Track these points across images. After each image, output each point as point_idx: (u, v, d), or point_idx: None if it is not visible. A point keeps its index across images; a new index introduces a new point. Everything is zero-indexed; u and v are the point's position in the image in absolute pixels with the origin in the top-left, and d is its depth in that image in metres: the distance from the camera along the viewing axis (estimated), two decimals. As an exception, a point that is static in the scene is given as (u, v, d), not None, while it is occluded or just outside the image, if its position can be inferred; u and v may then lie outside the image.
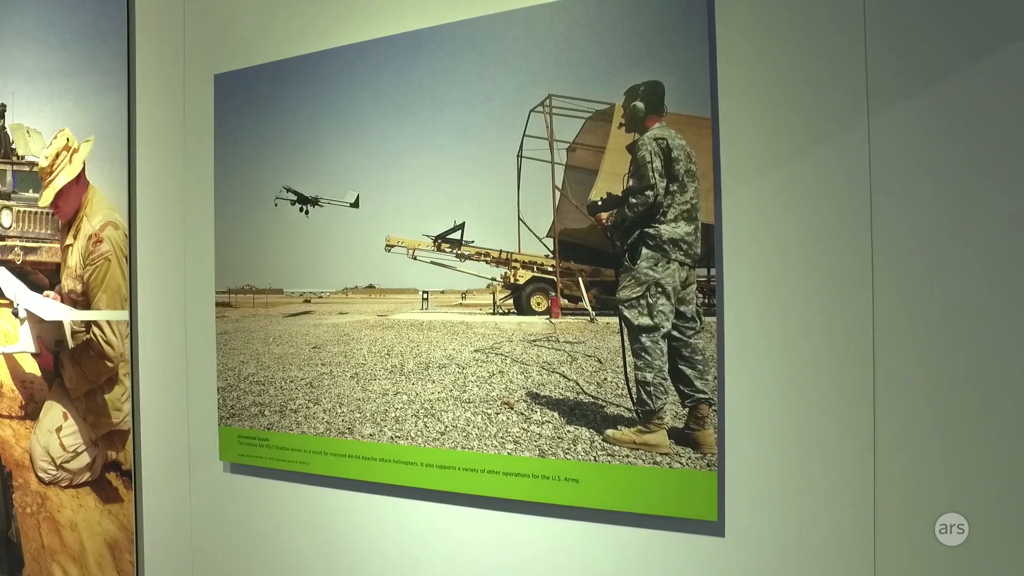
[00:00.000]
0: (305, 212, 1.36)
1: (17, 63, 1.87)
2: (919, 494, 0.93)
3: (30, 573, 1.87)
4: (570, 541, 1.14)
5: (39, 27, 1.84)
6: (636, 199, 1.08)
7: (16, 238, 1.90)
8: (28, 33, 1.85)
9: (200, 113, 1.56)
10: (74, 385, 1.80)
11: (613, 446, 1.09)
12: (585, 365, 1.11)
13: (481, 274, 1.19)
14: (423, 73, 1.23)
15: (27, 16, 1.85)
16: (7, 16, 1.89)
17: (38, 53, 1.84)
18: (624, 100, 1.09)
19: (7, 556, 1.91)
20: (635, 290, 1.09)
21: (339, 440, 1.32)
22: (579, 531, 1.14)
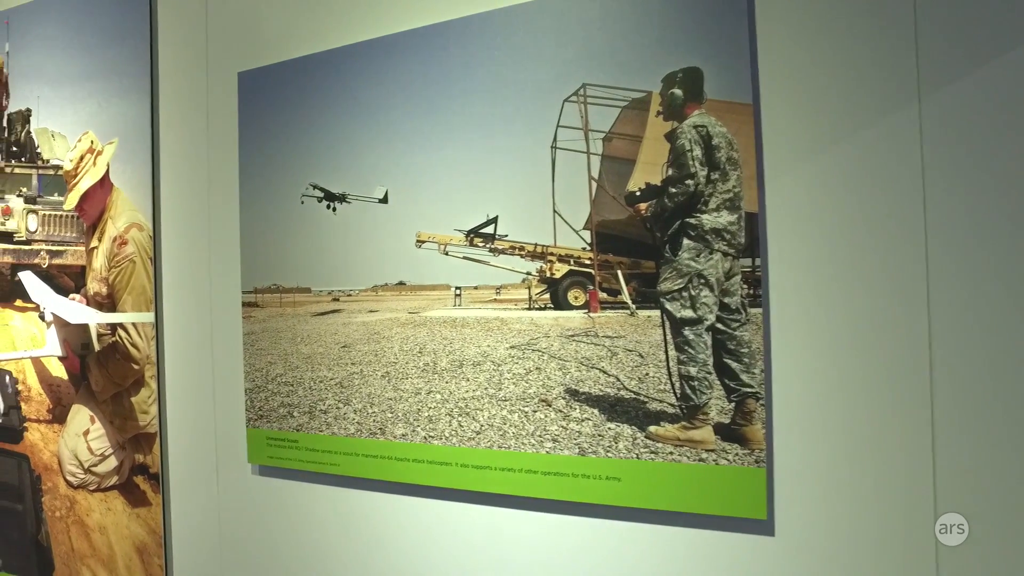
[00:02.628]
0: (332, 209, 1.33)
1: (42, 68, 1.87)
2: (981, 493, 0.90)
3: (60, 577, 1.86)
4: (612, 541, 1.11)
5: (62, 32, 1.83)
6: (676, 188, 1.05)
7: (42, 242, 1.90)
8: (52, 39, 1.85)
9: (224, 112, 1.54)
10: (100, 388, 1.80)
11: (656, 443, 1.05)
12: (626, 360, 1.08)
13: (516, 268, 1.17)
14: (452, 66, 1.21)
15: (51, 22, 1.85)
16: (32, 24, 1.89)
17: (62, 58, 1.84)
18: (661, 88, 1.06)
19: (38, 560, 1.91)
20: (677, 282, 1.06)
21: (370, 441, 1.30)
22: (621, 531, 1.10)
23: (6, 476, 1.99)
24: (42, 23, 1.87)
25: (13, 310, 1.99)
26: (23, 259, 1.93)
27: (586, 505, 1.12)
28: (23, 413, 1.96)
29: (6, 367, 2.00)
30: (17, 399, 1.97)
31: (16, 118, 1.92)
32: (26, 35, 1.90)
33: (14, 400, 1.98)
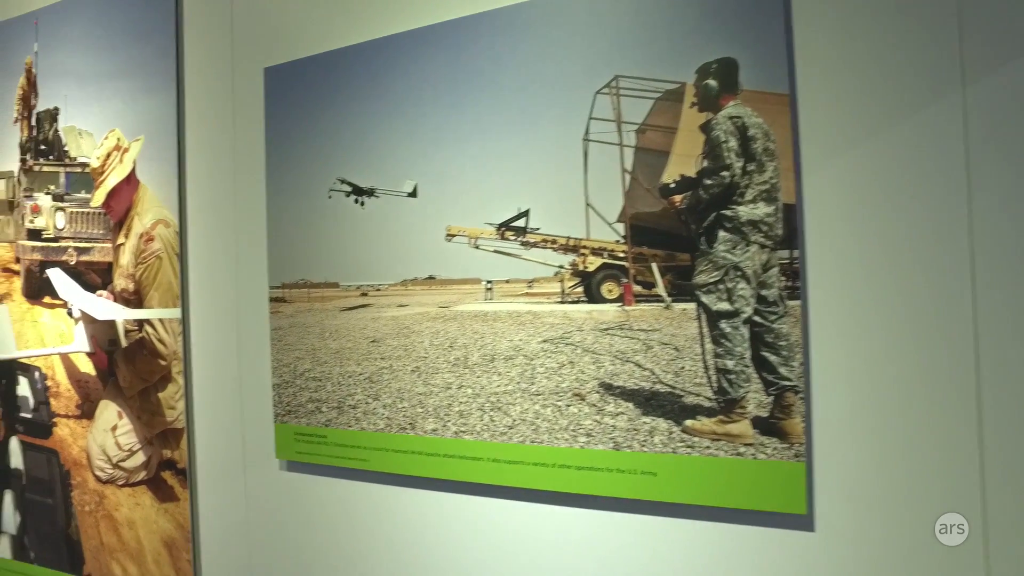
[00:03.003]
0: (361, 203, 1.33)
1: (69, 67, 1.88)
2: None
3: (91, 570, 1.88)
4: (648, 536, 1.10)
5: (89, 31, 1.84)
6: (711, 180, 1.04)
7: (70, 239, 1.91)
8: (78, 38, 1.86)
9: (250, 107, 1.55)
10: (128, 384, 1.81)
11: (692, 437, 1.04)
12: (661, 353, 1.07)
13: (548, 262, 1.16)
14: (482, 59, 1.20)
15: (78, 22, 1.87)
16: (60, 23, 1.90)
17: (88, 56, 1.85)
18: (696, 79, 1.04)
19: (68, 553, 1.93)
20: (713, 274, 1.04)
21: (400, 436, 1.30)
22: (657, 526, 1.10)
23: (37, 470, 2.01)
24: (70, 23, 1.88)
25: (42, 307, 2.01)
26: (51, 256, 1.95)
27: (621, 500, 1.11)
28: (52, 409, 1.98)
29: (35, 363, 2.02)
30: (46, 395, 1.99)
31: (44, 117, 1.94)
32: (54, 35, 1.92)
33: (43, 396, 2.00)
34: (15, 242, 2.05)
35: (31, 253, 2.00)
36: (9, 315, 2.08)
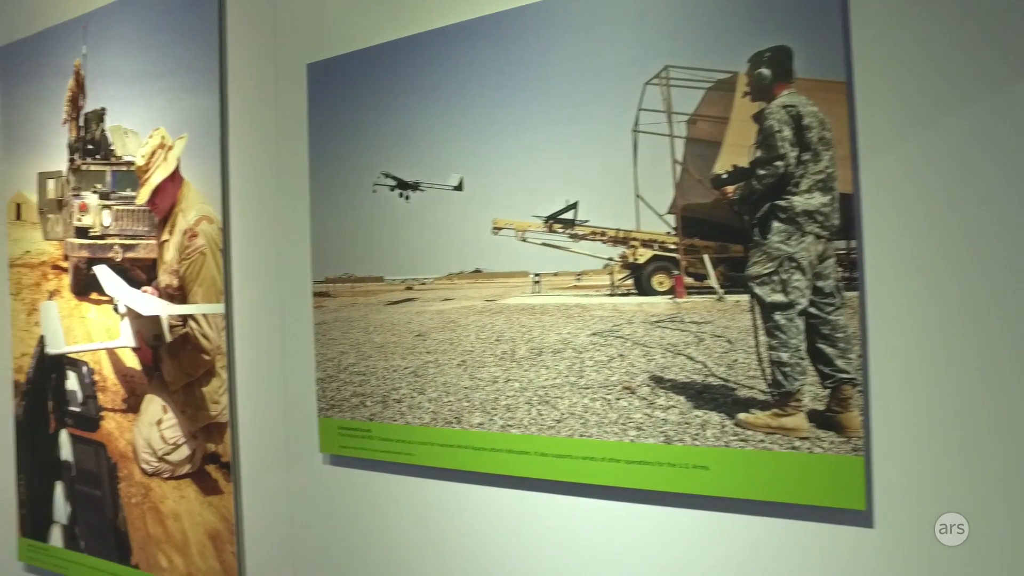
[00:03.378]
0: (405, 198, 1.34)
1: (115, 68, 1.92)
2: None
3: (138, 561, 1.92)
4: (700, 531, 1.09)
5: (134, 32, 1.88)
6: (764, 170, 1.02)
7: (116, 236, 1.95)
8: (125, 40, 1.90)
9: (293, 104, 1.56)
10: (172, 379, 1.84)
11: (746, 431, 1.03)
12: (713, 346, 1.06)
13: (597, 254, 1.15)
14: (529, 51, 1.20)
15: (124, 24, 1.90)
16: (107, 26, 1.94)
17: (133, 57, 1.88)
18: (748, 68, 1.03)
19: (116, 543, 1.97)
20: (767, 266, 1.03)
21: (446, 430, 1.30)
22: (709, 521, 1.08)
23: (85, 463, 2.06)
24: (116, 25, 1.92)
25: (89, 303, 2.05)
26: (98, 253, 1.99)
27: (672, 494, 1.10)
28: (100, 402, 2.03)
29: (83, 358, 2.06)
30: (94, 389, 2.04)
31: (92, 117, 1.98)
32: (102, 37, 1.96)
33: (91, 390, 2.04)
34: (64, 240, 2.10)
35: (79, 251, 2.04)
36: (58, 311, 2.13)
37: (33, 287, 2.22)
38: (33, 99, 2.17)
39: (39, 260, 2.20)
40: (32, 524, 2.22)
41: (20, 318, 2.25)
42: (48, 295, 2.17)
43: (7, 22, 2.28)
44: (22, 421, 2.26)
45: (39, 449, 2.20)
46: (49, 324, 2.16)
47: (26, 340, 2.23)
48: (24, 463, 2.25)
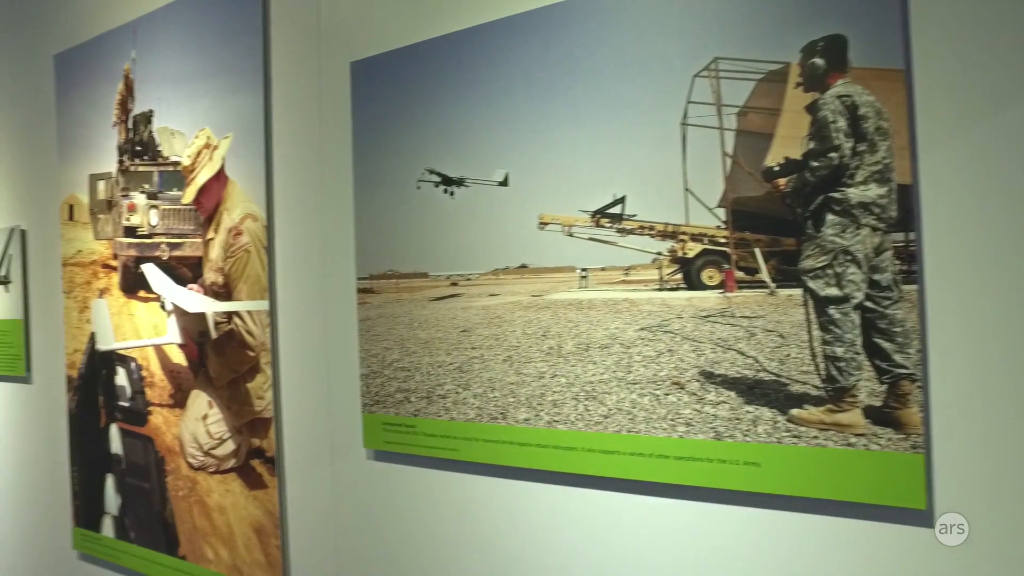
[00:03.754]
0: (450, 193, 1.34)
1: (162, 71, 1.97)
2: None
3: (185, 552, 1.96)
4: (750, 529, 1.08)
5: (181, 36, 1.92)
6: (818, 162, 1.01)
7: (162, 235, 2.00)
8: (171, 43, 1.95)
9: (336, 102, 1.58)
10: (218, 374, 1.87)
11: (799, 427, 1.01)
12: (765, 341, 1.05)
13: (645, 249, 1.14)
14: (575, 45, 1.19)
15: (171, 28, 1.95)
16: (155, 30, 1.99)
17: (180, 60, 1.92)
18: (801, 58, 1.01)
19: (164, 535, 2.02)
20: (820, 259, 1.01)
21: (491, 426, 1.31)
22: (760, 519, 1.07)
23: (134, 456, 2.11)
24: (164, 29, 1.97)
25: (137, 301, 2.11)
26: (146, 252, 2.04)
27: (722, 491, 1.09)
28: (147, 398, 2.08)
29: (132, 354, 2.12)
30: (142, 384, 2.09)
31: (140, 119, 2.03)
32: (150, 41, 2.01)
33: (139, 385, 2.10)
34: (113, 239, 2.16)
35: (127, 249, 2.10)
36: (108, 309, 2.19)
37: (84, 285, 2.28)
38: (86, 103, 2.23)
39: (90, 259, 2.26)
40: (85, 514, 2.29)
41: (72, 315, 2.32)
42: (98, 293, 2.23)
43: (63, 30, 2.36)
44: (75, 415, 2.33)
45: (91, 442, 2.26)
46: (99, 321, 2.22)
47: (78, 337, 2.30)
48: (77, 456, 2.33)
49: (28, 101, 2.52)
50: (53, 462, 2.45)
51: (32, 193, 2.53)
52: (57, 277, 2.40)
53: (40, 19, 2.48)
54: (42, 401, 2.51)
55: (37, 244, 2.52)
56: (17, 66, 2.58)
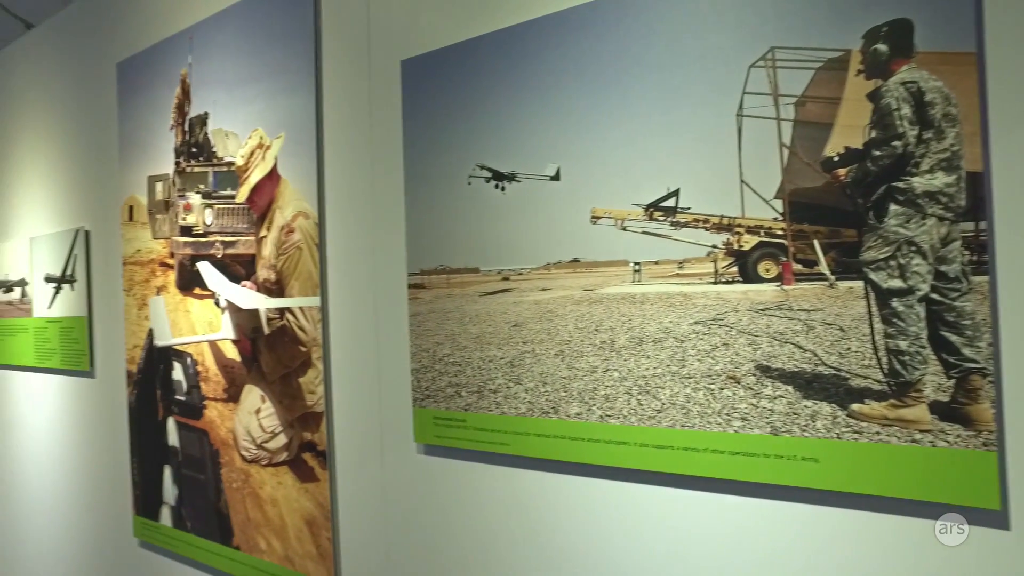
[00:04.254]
0: (501, 189, 1.35)
1: (217, 75, 2.03)
2: None
3: (239, 542, 2.01)
4: (808, 526, 1.06)
5: (235, 40, 1.97)
6: (880, 151, 0.98)
7: (217, 233, 2.06)
8: (226, 47, 2.00)
9: (387, 100, 1.60)
10: (270, 369, 1.92)
11: (860, 422, 0.99)
12: (824, 334, 1.02)
13: (700, 242, 1.13)
14: (628, 38, 1.19)
15: (226, 33, 2.00)
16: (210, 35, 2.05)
17: (234, 63, 1.98)
18: (862, 44, 0.99)
19: (219, 525, 2.07)
20: (883, 250, 0.99)
21: (543, 420, 1.31)
22: (818, 516, 1.04)
23: (190, 448, 2.18)
24: (219, 34, 2.02)
25: (193, 298, 2.17)
26: (201, 250, 2.10)
27: (779, 487, 1.07)
28: (202, 392, 2.14)
29: (188, 350, 2.18)
30: (197, 379, 2.15)
31: (196, 122, 2.09)
32: (206, 46, 2.07)
33: (195, 380, 2.16)
34: (170, 238, 2.23)
35: (183, 248, 2.16)
36: (165, 306, 2.26)
37: (143, 283, 2.36)
38: (145, 108, 2.31)
39: (148, 258, 2.34)
40: (145, 504, 2.37)
41: (132, 312, 2.41)
42: (156, 291, 2.31)
43: (124, 39, 2.45)
44: (134, 408, 2.41)
45: (149, 435, 2.34)
46: (157, 318, 2.29)
47: (137, 333, 2.38)
48: (136, 447, 2.41)
49: (92, 108, 2.62)
50: (115, 453, 2.54)
51: (95, 195, 2.63)
52: (118, 276, 2.49)
53: (104, 29, 2.58)
54: (104, 394, 2.61)
55: (99, 244, 2.62)
56: (83, 75, 2.69)
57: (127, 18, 2.45)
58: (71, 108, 2.78)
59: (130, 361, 2.42)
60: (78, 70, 2.73)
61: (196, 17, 2.10)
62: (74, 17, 2.78)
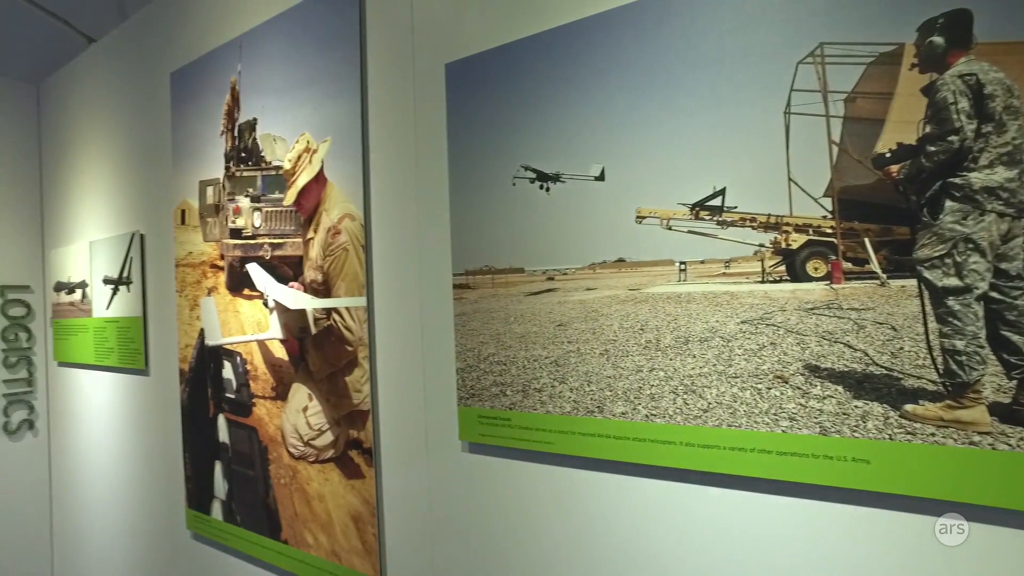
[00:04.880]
0: (546, 189, 1.36)
1: (266, 82, 2.08)
2: None
3: (287, 536, 2.06)
4: (859, 528, 1.04)
5: (282, 47, 2.03)
6: (936, 147, 0.96)
7: (265, 236, 2.11)
8: (273, 54, 2.05)
9: (431, 103, 1.62)
10: (317, 368, 1.96)
11: (914, 423, 0.97)
12: (875, 334, 1.01)
13: (747, 241, 1.12)
14: (672, 37, 1.19)
15: (274, 41, 2.06)
16: (259, 43, 2.11)
17: (281, 70, 2.03)
18: (917, 38, 0.97)
19: (267, 520, 2.13)
20: (937, 248, 0.97)
21: (587, 419, 1.31)
22: (870, 518, 1.03)
23: (240, 445, 2.24)
24: (267, 42, 2.08)
25: (242, 298, 2.23)
26: (250, 252, 2.16)
27: (828, 488, 1.06)
28: (252, 390, 2.19)
29: (237, 349, 2.24)
30: (247, 378, 2.21)
31: (245, 127, 2.15)
32: (255, 54, 2.12)
33: (244, 379, 2.22)
34: (220, 241, 2.29)
35: (233, 250, 2.23)
36: (215, 306, 2.33)
37: (194, 285, 2.44)
38: (197, 115, 2.39)
39: (199, 260, 2.41)
40: (197, 497, 2.45)
41: (184, 313, 2.48)
42: (207, 292, 2.38)
43: (177, 50, 2.53)
44: (186, 406, 2.49)
45: (201, 431, 2.41)
46: (208, 318, 2.36)
47: (189, 333, 2.46)
48: (189, 443, 2.49)
49: (147, 117, 2.72)
50: (168, 448, 2.63)
51: (149, 200, 2.73)
52: (171, 277, 2.57)
53: (159, 41, 2.67)
54: (158, 392, 2.70)
55: (153, 247, 2.71)
56: (139, 86, 2.79)
57: (180, 29, 2.54)
58: (128, 117, 2.89)
59: (182, 360, 2.50)
60: (135, 81, 2.83)
61: (246, 26, 2.16)
62: (132, 31, 2.89)
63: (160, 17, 2.67)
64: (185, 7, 2.52)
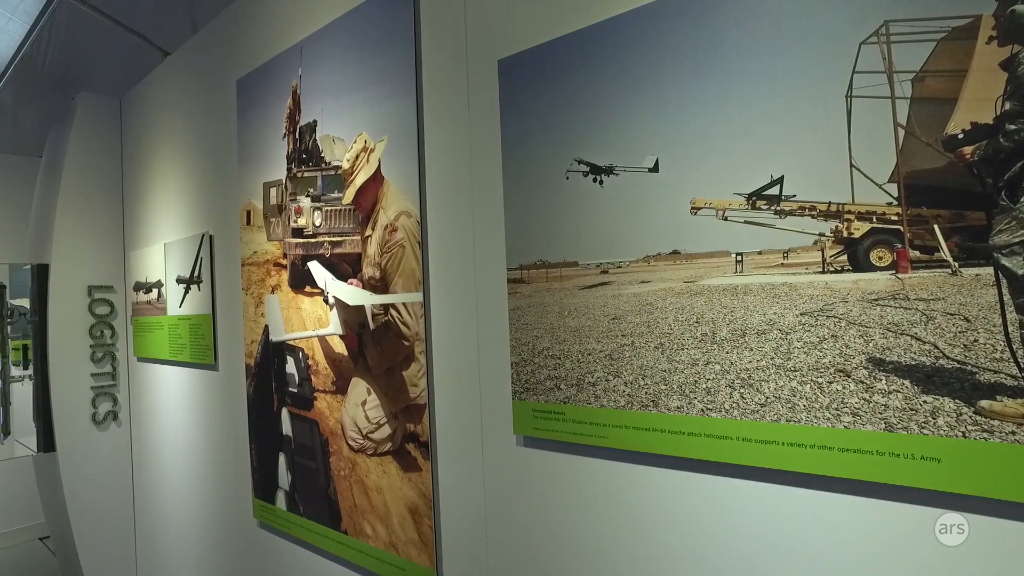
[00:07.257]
0: (599, 182, 1.35)
1: (325, 85, 2.14)
2: None
3: (346, 527, 2.11)
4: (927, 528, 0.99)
5: (340, 51, 2.08)
6: (1017, 125, 0.91)
7: (325, 234, 2.17)
8: (332, 58, 2.11)
9: (485, 99, 1.64)
10: (375, 363, 2.00)
11: (991, 420, 0.92)
12: (946, 325, 0.96)
13: (806, 230, 1.09)
14: (726, 23, 1.16)
15: (332, 44, 2.12)
16: (318, 47, 2.17)
17: (340, 72, 2.08)
18: (996, 7, 0.92)
19: (328, 510, 2.19)
20: (1018, 233, 0.91)
21: (642, 413, 1.30)
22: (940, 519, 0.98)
23: (302, 438, 2.31)
24: (326, 46, 2.14)
25: (303, 295, 2.30)
26: (310, 251, 2.23)
27: (894, 487, 1.01)
28: (313, 384, 2.26)
29: (299, 345, 2.31)
30: (308, 372, 2.28)
31: (305, 130, 2.22)
32: (314, 58, 2.19)
33: (306, 373, 2.29)
34: (283, 240, 2.37)
35: (295, 249, 2.30)
36: (279, 303, 2.41)
37: (259, 283, 2.53)
38: (261, 119, 2.48)
39: (264, 259, 2.50)
40: (262, 487, 2.54)
41: (249, 310, 2.58)
42: (271, 289, 2.46)
43: (243, 57, 2.63)
44: (252, 399, 2.58)
45: (265, 424, 2.50)
46: (272, 315, 2.45)
47: (254, 329, 2.55)
48: (254, 435, 2.58)
49: (216, 123, 2.84)
50: (236, 440, 2.74)
51: (218, 202, 2.85)
52: (237, 276, 2.67)
53: (226, 51, 2.79)
54: (226, 386, 2.82)
55: (221, 247, 2.83)
56: (209, 94, 2.92)
57: (246, 38, 2.64)
58: (199, 124, 3.02)
59: (248, 355, 2.60)
60: (205, 90, 2.96)
61: (305, 32, 2.23)
62: (202, 42, 3.02)
63: (228, 27, 2.78)
64: (250, 17, 2.61)
